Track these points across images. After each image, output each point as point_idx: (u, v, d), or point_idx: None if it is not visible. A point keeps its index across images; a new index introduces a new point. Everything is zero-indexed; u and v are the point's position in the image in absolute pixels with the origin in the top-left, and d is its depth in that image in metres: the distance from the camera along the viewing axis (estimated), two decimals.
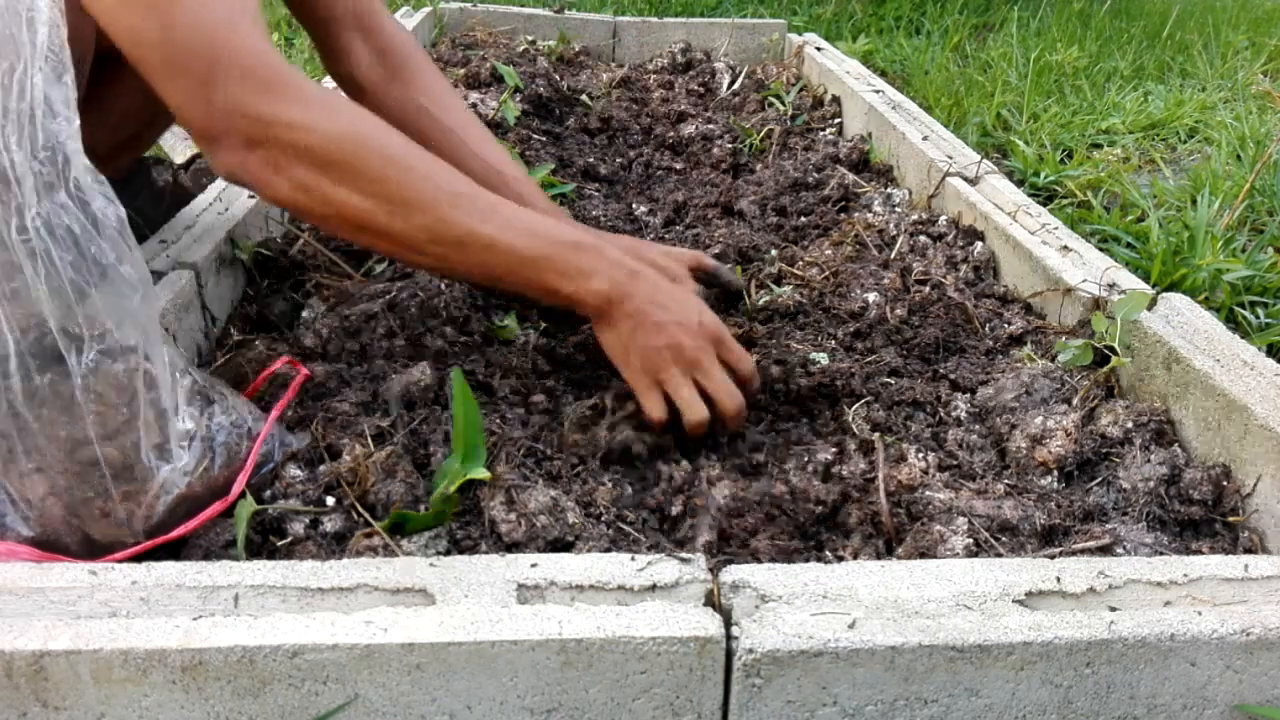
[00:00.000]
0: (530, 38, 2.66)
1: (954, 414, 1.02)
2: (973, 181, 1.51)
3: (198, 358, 1.07)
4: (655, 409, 0.92)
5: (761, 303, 1.23)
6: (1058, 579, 0.69)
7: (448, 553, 0.78)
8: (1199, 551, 0.85)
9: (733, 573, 0.68)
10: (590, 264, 0.92)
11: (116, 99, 1.10)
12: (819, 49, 2.38)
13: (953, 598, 0.67)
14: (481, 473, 0.81)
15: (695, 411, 0.92)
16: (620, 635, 0.63)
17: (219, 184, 1.34)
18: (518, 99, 2.05)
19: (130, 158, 1.31)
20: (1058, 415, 0.95)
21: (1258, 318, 1.42)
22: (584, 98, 2.18)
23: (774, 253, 1.37)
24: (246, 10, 0.82)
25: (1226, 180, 1.86)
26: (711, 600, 0.67)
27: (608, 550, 0.79)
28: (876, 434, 0.95)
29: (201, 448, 0.78)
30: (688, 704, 0.65)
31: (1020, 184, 1.94)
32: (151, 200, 1.40)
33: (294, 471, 0.84)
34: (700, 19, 2.89)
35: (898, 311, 1.21)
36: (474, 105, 1.93)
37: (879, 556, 0.83)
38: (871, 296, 1.23)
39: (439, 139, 1.14)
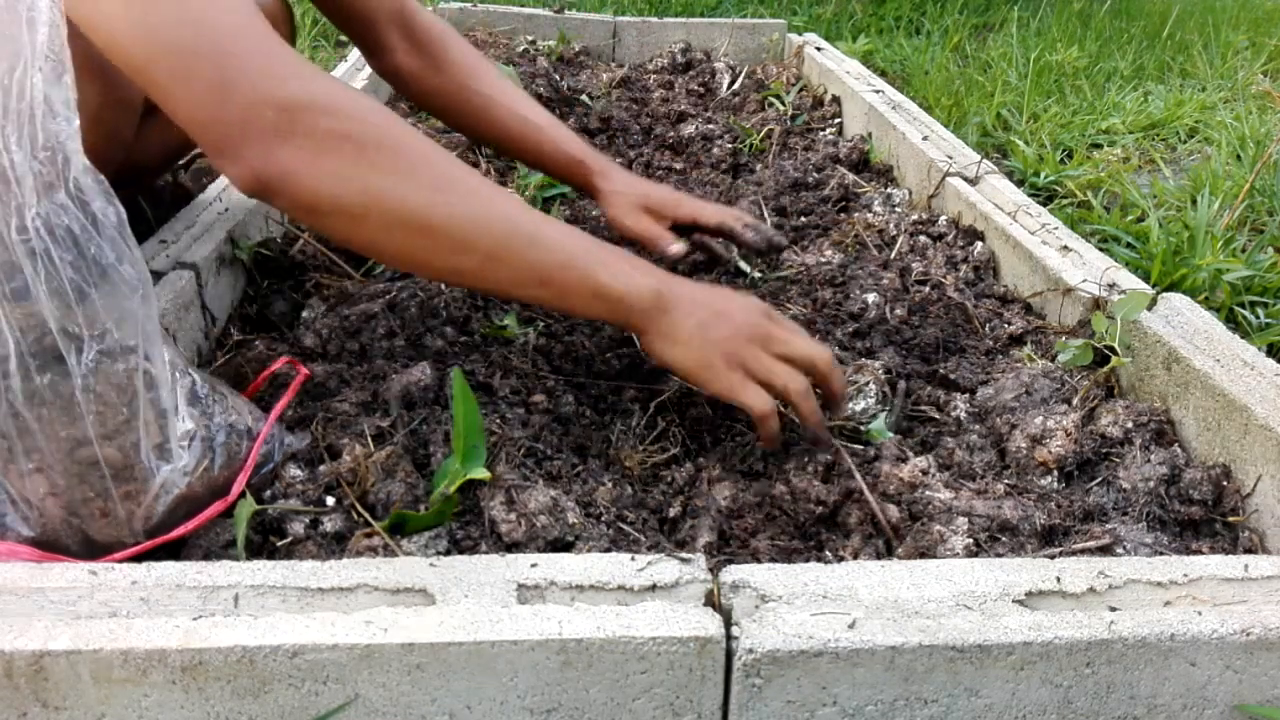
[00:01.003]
0: (530, 38, 2.66)
1: (954, 414, 1.02)
2: (973, 181, 1.51)
3: (198, 358, 1.07)
4: (760, 401, 0.86)
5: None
6: (1058, 579, 0.69)
7: (448, 553, 0.78)
8: (1199, 551, 0.85)
9: (733, 573, 0.68)
10: (634, 263, 0.88)
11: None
12: (819, 49, 2.38)
13: (953, 598, 0.67)
14: (481, 473, 0.81)
15: (797, 380, 0.87)
16: (620, 635, 0.63)
17: (220, 183, 1.34)
18: None
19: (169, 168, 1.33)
20: (1058, 415, 0.95)
21: (1258, 318, 1.42)
22: (584, 98, 2.18)
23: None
24: (247, 3, 0.78)
25: (1226, 180, 1.86)
26: (711, 600, 0.67)
27: (608, 550, 0.79)
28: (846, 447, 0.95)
29: (201, 448, 0.78)
30: (688, 704, 0.65)
31: (1020, 184, 1.94)
32: (151, 200, 1.40)
33: (294, 471, 0.84)
34: (700, 19, 2.89)
35: (898, 311, 1.21)
36: None
37: (879, 556, 0.83)
38: (871, 297, 1.23)
39: (480, 107, 1.22)
